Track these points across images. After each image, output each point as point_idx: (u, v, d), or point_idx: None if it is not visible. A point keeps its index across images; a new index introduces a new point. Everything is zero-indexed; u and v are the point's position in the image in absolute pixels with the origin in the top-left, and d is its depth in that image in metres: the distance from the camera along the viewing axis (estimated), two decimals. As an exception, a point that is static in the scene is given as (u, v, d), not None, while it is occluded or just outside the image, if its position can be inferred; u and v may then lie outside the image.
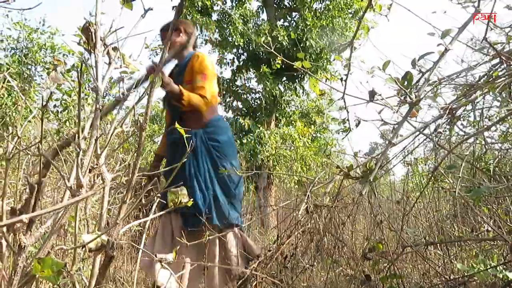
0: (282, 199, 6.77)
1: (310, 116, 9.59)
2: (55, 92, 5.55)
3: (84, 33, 1.00)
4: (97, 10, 0.95)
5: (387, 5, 1.52)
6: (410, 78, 1.43)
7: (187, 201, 0.99)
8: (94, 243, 0.70)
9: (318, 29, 8.01)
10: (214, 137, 2.43)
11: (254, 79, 9.04)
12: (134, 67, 1.00)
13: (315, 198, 2.42)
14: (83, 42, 1.01)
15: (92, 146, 0.77)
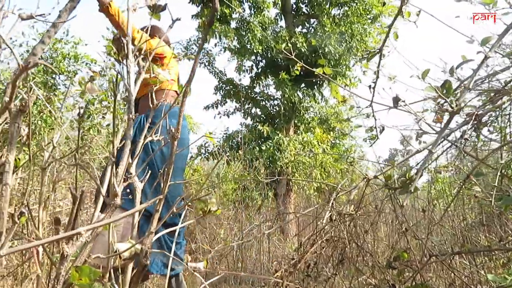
0: (301, 206, 6.73)
1: (329, 122, 9.54)
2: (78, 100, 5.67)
3: (114, 44, 1.02)
4: (128, 22, 0.96)
5: (416, 11, 1.50)
6: (449, 87, 1.39)
7: (216, 209, 0.99)
8: (128, 251, 0.71)
9: (337, 35, 7.98)
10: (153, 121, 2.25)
11: (272, 86, 9.06)
12: (163, 76, 1.01)
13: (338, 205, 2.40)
14: (113, 53, 1.03)
15: (126, 156, 0.78)
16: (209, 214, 0.97)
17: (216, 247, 4.17)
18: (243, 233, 4.92)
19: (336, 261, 2.12)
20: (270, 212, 6.90)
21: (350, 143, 10.32)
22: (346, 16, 8.35)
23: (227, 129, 9.20)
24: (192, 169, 8.39)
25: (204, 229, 5.58)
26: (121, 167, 0.76)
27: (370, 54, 1.58)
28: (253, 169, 7.15)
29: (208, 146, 8.81)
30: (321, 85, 8.86)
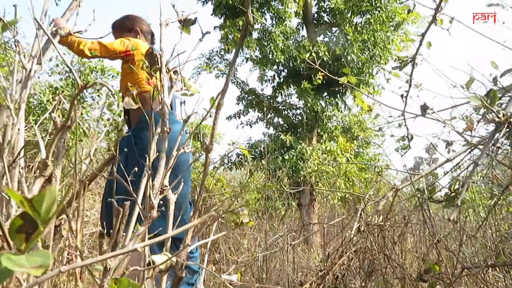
0: (326, 216, 6.66)
1: (352, 131, 9.45)
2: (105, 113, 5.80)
3: (147, 58, 1.04)
4: (161, 36, 0.98)
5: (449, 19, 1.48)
6: (494, 96, 1.35)
7: (248, 221, 0.99)
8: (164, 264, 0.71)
9: (359, 43, 7.93)
10: (138, 133, 2.15)
11: (294, 95, 9.06)
12: (195, 89, 1.02)
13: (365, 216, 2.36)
14: (146, 67, 1.05)
15: (162, 168, 0.79)
16: (241, 226, 0.97)
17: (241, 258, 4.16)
18: (267, 244, 4.89)
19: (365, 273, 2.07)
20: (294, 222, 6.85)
21: (374, 152, 10.18)
22: (369, 24, 8.29)
23: (250, 139, 9.23)
24: (215, 179, 8.43)
25: (228, 239, 5.57)
26: (157, 179, 0.77)
27: (402, 63, 1.56)
28: (276, 178, 7.13)
29: (231, 156, 8.85)
30: (344, 94, 8.80)
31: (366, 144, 9.99)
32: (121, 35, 2.36)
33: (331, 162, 7.79)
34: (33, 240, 0.29)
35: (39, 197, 0.30)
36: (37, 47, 0.82)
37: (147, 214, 0.72)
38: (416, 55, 1.54)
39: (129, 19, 2.44)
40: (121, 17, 2.46)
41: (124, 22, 2.42)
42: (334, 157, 8.22)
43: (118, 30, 2.41)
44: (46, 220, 0.29)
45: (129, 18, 2.44)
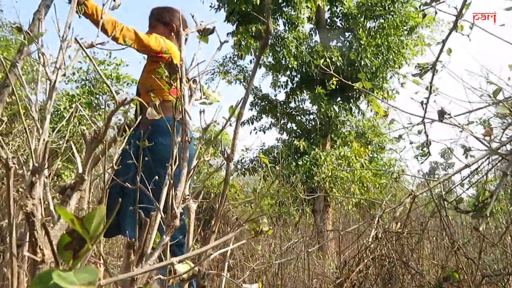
0: (340, 222, 6.61)
1: (366, 136, 9.38)
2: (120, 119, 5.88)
3: (166, 67, 1.05)
4: (181, 46, 1.00)
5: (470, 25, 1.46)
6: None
7: (268, 229, 0.99)
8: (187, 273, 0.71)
9: (373, 48, 7.90)
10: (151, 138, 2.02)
11: (308, 101, 9.04)
12: (214, 98, 1.03)
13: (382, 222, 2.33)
14: (165, 76, 1.06)
15: (184, 177, 0.80)
16: (261, 234, 0.97)
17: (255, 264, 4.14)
18: (282, 250, 4.87)
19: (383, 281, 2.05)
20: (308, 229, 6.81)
21: (388, 157, 10.10)
22: (382, 28, 8.25)
23: (263, 144, 9.22)
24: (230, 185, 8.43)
25: (242, 245, 5.57)
26: (180, 188, 0.77)
27: (423, 70, 1.55)
28: (290, 184, 7.11)
29: (244, 162, 8.86)
30: (357, 99, 8.76)
31: (381, 149, 9.91)
32: (157, 25, 2.29)
33: (345, 167, 7.74)
34: (81, 257, 0.30)
35: (90, 217, 0.31)
36: (61, 58, 0.84)
37: (170, 223, 0.73)
38: (436, 62, 1.52)
39: (168, 12, 2.33)
40: (163, 7, 2.35)
41: (164, 13, 2.31)
42: (348, 163, 8.17)
43: (155, 19, 2.32)
44: (94, 237, 0.30)
45: (169, 10, 2.33)
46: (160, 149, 1.95)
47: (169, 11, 2.33)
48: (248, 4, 8.14)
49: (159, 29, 2.28)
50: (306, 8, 8.41)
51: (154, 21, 2.31)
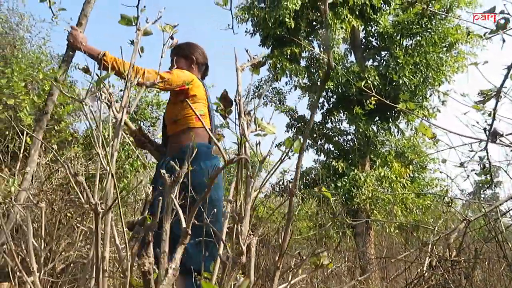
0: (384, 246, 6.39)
1: (406, 155, 9.13)
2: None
3: (221, 100, 1.08)
4: (238, 80, 1.02)
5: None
6: None
7: (328, 263, 0.97)
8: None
9: (411, 66, 7.76)
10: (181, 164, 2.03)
11: (345, 121, 8.96)
12: (270, 130, 1.04)
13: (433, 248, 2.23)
14: (220, 109, 1.08)
15: (248, 212, 0.80)
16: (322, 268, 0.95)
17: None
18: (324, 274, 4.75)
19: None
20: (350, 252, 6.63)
21: (430, 176, 9.76)
22: (420, 46, 8.12)
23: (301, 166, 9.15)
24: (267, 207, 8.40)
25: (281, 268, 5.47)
26: (245, 225, 0.78)
27: (486, 97, 1.49)
28: (329, 206, 6.99)
29: (282, 184, 8.82)
30: (396, 118, 8.59)
31: (422, 168, 9.61)
32: (178, 59, 2.37)
33: (387, 188, 7.54)
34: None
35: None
36: (126, 97, 0.89)
37: (237, 260, 0.73)
38: (501, 88, 1.46)
39: (187, 46, 2.43)
40: (183, 42, 2.44)
41: (183, 47, 2.40)
42: (389, 183, 7.96)
43: (175, 53, 2.41)
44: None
45: (188, 44, 2.43)
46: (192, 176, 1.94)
47: (188, 45, 2.44)
48: (282, 27, 8.26)
49: (180, 63, 2.36)
50: (341, 29, 8.43)
51: (175, 55, 2.40)
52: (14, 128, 4.85)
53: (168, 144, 2.24)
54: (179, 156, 2.03)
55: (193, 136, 2.07)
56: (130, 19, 1.12)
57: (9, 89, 4.96)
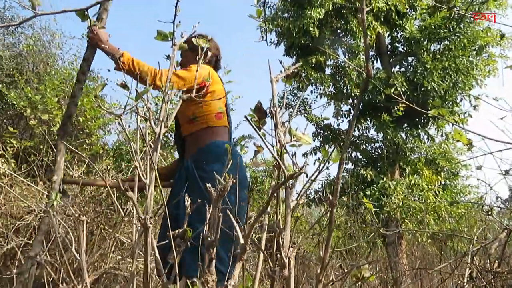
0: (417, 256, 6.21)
1: (436, 162, 8.89)
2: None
3: (255, 112, 1.07)
4: (273, 91, 1.02)
5: None
6: None
7: (369, 276, 0.95)
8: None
9: (439, 71, 7.60)
10: (202, 166, 1.92)
11: (372, 128, 8.83)
12: (306, 140, 1.03)
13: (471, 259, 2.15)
14: (255, 121, 1.08)
15: (288, 225, 0.79)
16: (363, 281, 0.92)
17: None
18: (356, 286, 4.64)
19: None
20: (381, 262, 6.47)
21: (462, 184, 9.45)
22: (448, 50, 7.94)
23: (328, 175, 9.07)
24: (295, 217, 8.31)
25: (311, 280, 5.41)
26: (285, 237, 0.77)
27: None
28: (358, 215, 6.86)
29: (310, 194, 8.74)
30: (425, 124, 8.40)
31: (454, 176, 9.34)
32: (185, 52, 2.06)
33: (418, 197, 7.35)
34: None
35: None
36: (164, 111, 0.90)
37: (279, 273, 0.72)
38: None
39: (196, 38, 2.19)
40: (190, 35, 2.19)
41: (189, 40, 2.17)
42: (420, 191, 7.76)
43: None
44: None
45: (196, 37, 2.14)
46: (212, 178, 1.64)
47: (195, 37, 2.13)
48: (306, 36, 8.26)
49: (187, 57, 2.15)
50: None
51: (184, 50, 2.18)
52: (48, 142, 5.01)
53: (185, 146, 2.06)
54: (197, 157, 1.93)
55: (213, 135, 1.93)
56: (166, 35, 1.14)
57: (43, 105, 5.14)
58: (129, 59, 1.79)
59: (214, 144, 1.98)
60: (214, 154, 1.94)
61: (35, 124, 4.94)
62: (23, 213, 4.25)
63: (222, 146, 1.98)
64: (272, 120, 0.98)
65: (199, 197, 1.64)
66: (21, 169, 4.82)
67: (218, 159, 1.92)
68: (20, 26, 6.70)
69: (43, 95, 5.17)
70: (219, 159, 1.93)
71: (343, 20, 8.49)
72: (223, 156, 1.92)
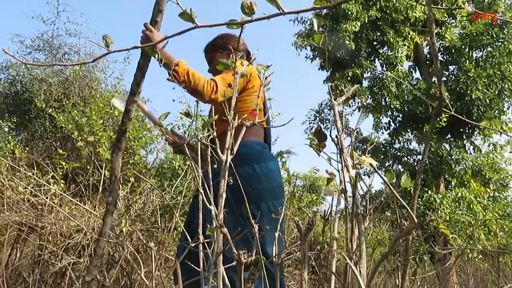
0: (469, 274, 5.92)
1: (484, 173, 8.51)
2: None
3: (315, 135, 1.07)
4: (336, 115, 1.01)
5: None
6: None
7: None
8: None
9: (484, 80, 7.33)
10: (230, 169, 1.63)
11: (414, 140, 8.59)
12: (369, 163, 1.01)
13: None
14: (314, 144, 1.07)
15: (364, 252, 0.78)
16: None
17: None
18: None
19: None
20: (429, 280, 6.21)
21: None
22: (492, 57, 7.66)
23: (371, 189, 8.86)
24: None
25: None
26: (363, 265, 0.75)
27: None
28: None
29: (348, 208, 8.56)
30: (470, 134, 8.08)
31: (503, 187, 8.90)
32: (214, 55, 2.06)
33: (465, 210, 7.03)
34: None
35: None
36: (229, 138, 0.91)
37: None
38: None
39: (221, 38, 2.10)
40: (213, 38, 2.13)
41: (216, 41, 2.08)
42: (467, 204, 7.43)
43: (210, 51, 2.08)
44: None
45: (220, 36, 2.10)
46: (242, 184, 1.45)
47: (220, 36, 2.10)
48: (342, 50, 8.22)
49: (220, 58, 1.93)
50: (404, 47, 8.21)
51: (210, 54, 2.09)
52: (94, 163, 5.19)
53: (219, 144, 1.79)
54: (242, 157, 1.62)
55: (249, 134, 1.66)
56: (228, 64, 1.15)
57: (89, 127, 5.35)
58: (185, 69, 1.63)
59: (244, 144, 1.64)
60: (242, 155, 1.55)
61: (81, 145, 5.14)
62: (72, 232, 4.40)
63: (253, 147, 1.77)
64: (337, 146, 0.97)
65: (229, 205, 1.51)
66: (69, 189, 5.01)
67: (247, 162, 1.70)
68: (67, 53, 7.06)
69: (89, 118, 5.39)
70: (248, 161, 1.71)
71: (379, 32, 8.39)
72: (254, 159, 1.73)
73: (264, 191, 1.68)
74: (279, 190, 1.77)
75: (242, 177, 1.52)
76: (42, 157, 6.07)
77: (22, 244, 5.64)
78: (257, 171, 1.70)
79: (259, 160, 1.74)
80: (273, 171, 1.77)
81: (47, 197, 4.49)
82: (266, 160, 1.77)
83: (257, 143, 1.81)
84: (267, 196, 1.68)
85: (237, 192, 1.44)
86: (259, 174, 1.70)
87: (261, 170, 1.71)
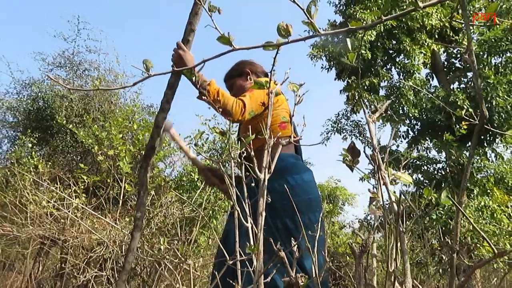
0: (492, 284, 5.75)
1: (506, 181, 8.32)
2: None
3: (349, 151, 1.06)
4: (371, 132, 1.01)
5: None
6: None
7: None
8: None
9: (504, 86, 7.20)
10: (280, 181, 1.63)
11: (433, 149, 8.46)
12: (406, 179, 1.00)
13: None
14: (348, 160, 1.07)
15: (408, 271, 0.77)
16: None
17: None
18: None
19: None
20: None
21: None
22: (511, 63, 7.54)
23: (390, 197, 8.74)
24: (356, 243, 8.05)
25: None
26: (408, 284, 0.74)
27: None
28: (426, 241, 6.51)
29: (370, 219, 8.46)
30: (492, 141, 7.93)
31: (527, 194, 8.68)
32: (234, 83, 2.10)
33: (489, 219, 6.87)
34: None
35: None
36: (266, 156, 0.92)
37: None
38: None
39: (236, 65, 2.16)
40: (230, 68, 2.19)
41: (233, 69, 2.14)
42: (491, 213, 7.26)
43: (229, 79, 2.14)
44: None
45: (236, 64, 2.16)
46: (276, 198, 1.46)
47: (236, 64, 2.16)
48: (358, 59, 8.20)
49: (240, 83, 2.09)
50: (420, 54, 8.15)
51: (230, 82, 2.14)
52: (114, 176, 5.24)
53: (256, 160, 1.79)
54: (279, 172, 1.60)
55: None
56: (262, 83, 1.16)
57: (109, 141, 5.43)
58: (216, 89, 1.63)
59: (283, 156, 1.64)
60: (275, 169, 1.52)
61: (102, 159, 5.20)
62: (94, 245, 4.43)
63: (286, 160, 1.74)
64: (374, 163, 0.96)
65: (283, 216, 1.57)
66: (90, 203, 5.06)
67: (281, 175, 1.67)
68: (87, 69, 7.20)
69: (108, 132, 5.46)
70: (282, 174, 1.68)
71: (395, 40, 8.35)
72: (287, 171, 1.72)
73: (300, 203, 1.63)
74: (315, 202, 1.74)
75: (278, 192, 1.51)
76: (64, 171, 6.17)
77: (44, 257, 5.72)
78: (291, 184, 1.67)
79: (292, 172, 1.72)
80: (308, 182, 1.75)
81: (69, 210, 4.54)
82: (300, 172, 1.75)
83: (290, 155, 1.79)
84: (303, 209, 1.64)
85: (271, 206, 1.39)
86: (294, 186, 1.67)
87: (295, 183, 1.69)
